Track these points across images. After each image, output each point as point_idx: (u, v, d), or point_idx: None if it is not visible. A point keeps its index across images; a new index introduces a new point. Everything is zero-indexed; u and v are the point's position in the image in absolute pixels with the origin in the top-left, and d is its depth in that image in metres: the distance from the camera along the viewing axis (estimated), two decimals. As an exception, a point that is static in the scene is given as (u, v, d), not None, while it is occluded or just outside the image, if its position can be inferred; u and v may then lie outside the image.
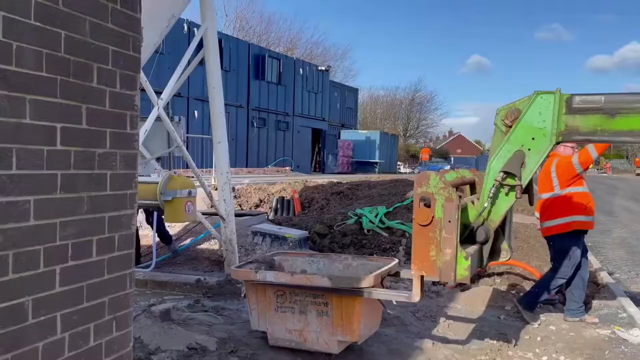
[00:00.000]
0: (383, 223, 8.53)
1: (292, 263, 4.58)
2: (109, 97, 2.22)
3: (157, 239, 7.06)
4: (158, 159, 6.51)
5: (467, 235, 3.73)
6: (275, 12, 58.05)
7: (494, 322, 5.44)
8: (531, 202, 4.26)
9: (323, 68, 31.87)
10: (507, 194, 3.66)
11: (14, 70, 1.79)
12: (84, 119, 2.09)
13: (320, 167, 31.41)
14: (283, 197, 10.55)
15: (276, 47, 40.81)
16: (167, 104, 6.12)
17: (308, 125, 30.04)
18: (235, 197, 10.79)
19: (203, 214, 8.00)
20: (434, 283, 7.04)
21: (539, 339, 5.03)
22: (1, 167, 1.76)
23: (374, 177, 18.82)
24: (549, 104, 3.56)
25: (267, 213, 9.71)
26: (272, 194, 10.96)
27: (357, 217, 8.74)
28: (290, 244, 7.43)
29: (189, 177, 6.00)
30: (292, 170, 23.61)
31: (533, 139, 3.60)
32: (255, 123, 25.32)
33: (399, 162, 48.70)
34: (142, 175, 5.92)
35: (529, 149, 3.62)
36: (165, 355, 4.07)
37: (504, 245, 3.96)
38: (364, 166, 34.78)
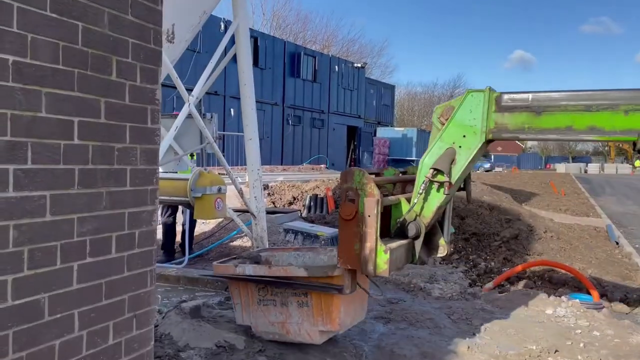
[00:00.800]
0: (418, 222, 8.34)
1: (279, 258, 4.58)
2: (129, 90, 2.17)
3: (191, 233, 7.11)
4: (192, 156, 6.53)
5: (400, 230, 3.81)
6: (311, 10, 58.08)
7: (534, 326, 5.21)
8: (469, 200, 4.32)
9: (359, 65, 31.63)
10: (437, 191, 3.72)
11: (29, 63, 1.75)
12: (102, 113, 2.05)
13: (355, 165, 31.21)
14: (316, 195, 10.47)
15: (312, 45, 40.84)
16: (200, 101, 6.12)
17: (343, 122, 29.90)
18: (268, 194, 10.78)
19: (235, 210, 8.01)
20: (470, 285, 6.86)
21: (581, 345, 4.78)
22: (16, 162, 1.72)
23: (410, 175, 18.56)
24: (479, 102, 3.59)
25: (300, 211, 9.66)
26: (306, 191, 10.90)
27: (391, 216, 8.57)
28: (322, 241, 7.35)
29: (221, 174, 5.99)
30: (327, 168, 23.54)
31: (464, 136, 3.65)
32: (290, 121, 25.36)
33: (436, 160, 47.93)
34: (174, 172, 5.94)
35: (460, 147, 3.67)
36: (193, 353, 4.04)
37: (442, 241, 4.06)
38: (400, 164, 34.37)
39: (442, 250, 4.08)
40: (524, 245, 8.00)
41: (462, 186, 4.18)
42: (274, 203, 10.48)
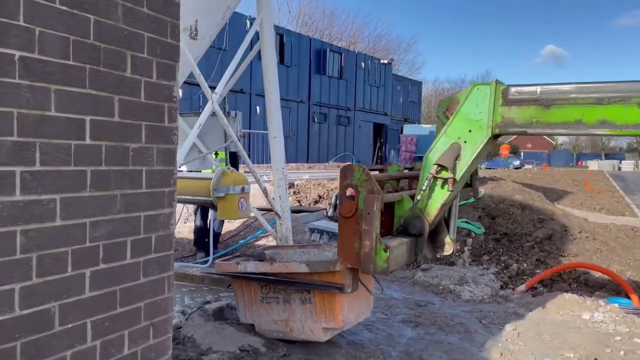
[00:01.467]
0: (446, 221, 8.11)
1: (284, 255, 4.49)
2: (145, 87, 2.06)
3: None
4: (216, 154, 6.45)
5: (404, 228, 3.73)
6: (337, 7, 57.87)
7: (570, 332, 4.96)
8: (475, 196, 4.23)
9: (385, 61, 31.31)
10: (442, 187, 3.62)
11: (37, 58, 1.65)
12: (116, 111, 1.94)
13: (381, 162, 30.94)
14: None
15: (338, 42, 40.60)
16: (225, 99, 6.03)
17: (369, 119, 29.63)
18: (294, 192, 10.68)
19: (260, 209, 7.93)
20: (502, 287, 6.62)
21: (622, 353, 4.52)
22: (23, 163, 1.63)
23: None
24: (485, 96, 3.48)
25: (325, 209, 9.52)
26: (332, 189, 10.76)
27: (419, 215, 8.37)
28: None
29: (247, 172, 5.90)
30: (353, 165, 23.28)
31: (470, 131, 3.53)
32: (316, 118, 25.24)
33: (464, 158, 47.15)
34: (199, 171, 5.87)
35: (465, 142, 3.55)
36: (216, 357, 3.95)
37: (447, 239, 3.96)
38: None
39: (448, 248, 3.98)
40: (558, 246, 7.69)
41: (468, 182, 4.07)
42: (299, 202, 10.37)
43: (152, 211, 2.13)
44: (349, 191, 3.41)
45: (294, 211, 8.83)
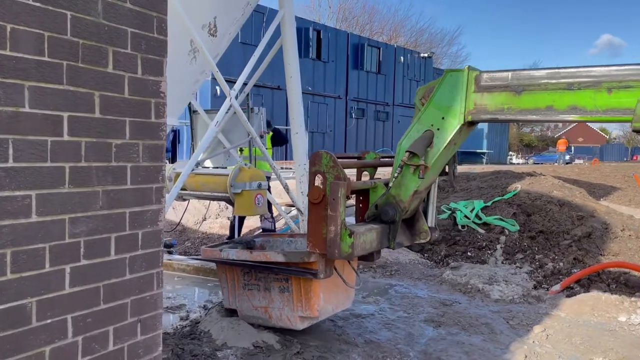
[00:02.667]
0: (479, 218, 7.87)
1: (273, 244, 4.64)
2: (129, 83, 2.05)
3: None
4: (241, 150, 6.47)
5: (377, 215, 3.76)
6: (378, 1, 57.31)
7: (603, 334, 4.71)
8: (452, 185, 4.25)
9: (425, 55, 30.76)
10: (413, 174, 3.62)
11: (8, 55, 1.66)
12: (97, 107, 1.94)
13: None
14: (374, 189, 10.17)
15: (379, 37, 40.22)
16: (248, 95, 6.04)
17: (409, 114, 29.18)
18: (326, 188, 10.60)
19: (287, 206, 7.93)
20: (535, 287, 6.36)
21: (658, 358, 4.26)
22: (-5, 160, 1.64)
23: (477, 168, 17.79)
24: (457, 82, 3.46)
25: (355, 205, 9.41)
26: (364, 185, 10.64)
27: (450, 212, 8.16)
28: (375, 238, 7.08)
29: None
30: (391, 161, 23.00)
31: (443, 118, 3.52)
32: (353, 114, 25.07)
33: (510, 152, 45.87)
34: (218, 167, 5.90)
35: (438, 129, 3.54)
36: (230, 352, 3.95)
37: (424, 227, 3.98)
38: (470, 157, 33.26)
39: (425, 235, 4.00)
40: (598, 244, 7.33)
41: (446, 171, 4.06)
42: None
43: (139, 207, 2.12)
44: (318, 177, 3.46)
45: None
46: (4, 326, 1.68)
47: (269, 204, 6.12)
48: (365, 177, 4.42)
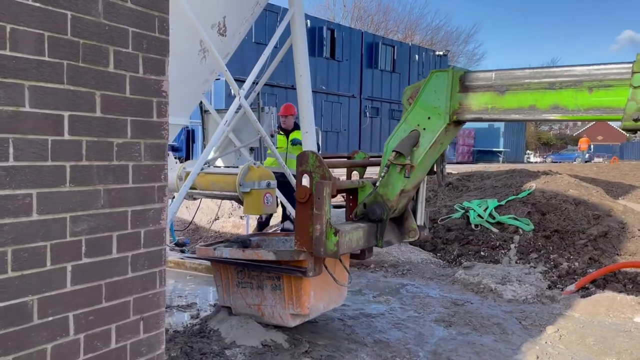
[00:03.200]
0: (493, 218, 7.79)
1: (268, 243, 4.69)
2: (130, 82, 2.06)
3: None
4: (252, 150, 6.48)
5: (365, 213, 3.81)
6: (393, -1, 57.01)
7: (617, 335, 4.62)
8: (439, 183, 4.26)
9: (441, 53, 30.55)
10: (400, 173, 3.66)
11: (8, 55, 1.67)
12: (98, 106, 1.95)
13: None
14: (388, 188, 10.12)
15: (394, 35, 40.01)
16: (258, 94, 6.05)
17: (425, 113, 29.02)
18: (339, 188, 10.59)
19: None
20: (549, 287, 6.27)
21: (675, 361, 4.17)
22: (-5, 159, 1.65)
23: (493, 167, 17.62)
24: (443, 83, 3.50)
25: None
26: (377, 184, 10.60)
27: (464, 211, 8.09)
28: (387, 238, 7.05)
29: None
30: (406, 160, 22.88)
31: (429, 118, 3.57)
32: (368, 113, 25.00)
33: (528, 151, 45.28)
34: (230, 167, 5.92)
35: (424, 129, 3.59)
36: (238, 351, 3.96)
37: (413, 225, 4.02)
38: (486, 155, 32.94)
39: (413, 234, 4.06)
40: (614, 244, 7.20)
41: (434, 170, 4.10)
42: (344, 197, 10.27)
43: (141, 206, 2.13)
44: (304, 177, 3.53)
45: (336, 206, 8.76)
46: (5, 323, 1.70)
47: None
48: (355, 176, 4.48)
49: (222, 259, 4.23)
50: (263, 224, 7.37)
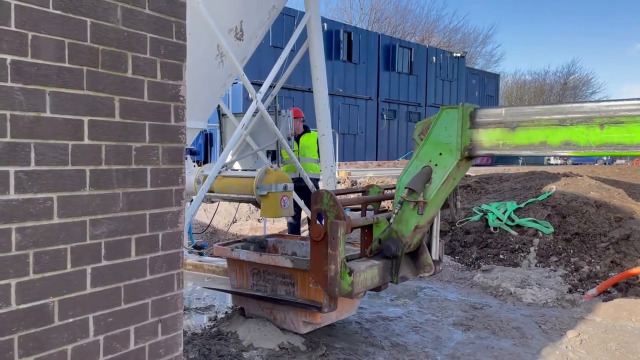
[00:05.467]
0: (512, 220, 7.70)
1: (285, 245, 4.75)
2: (148, 87, 2.09)
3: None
4: (268, 154, 6.51)
5: (380, 250, 3.82)
6: (410, 1, 56.81)
7: (639, 340, 4.54)
8: (453, 218, 4.34)
9: (458, 54, 30.34)
10: (413, 210, 3.64)
11: (30, 62, 1.71)
12: (117, 111, 1.98)
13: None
14: (405, 191, 10.07)
15: (411, 37, 39.88)
16: (275, 98, 6.08)
17: (442, 115, 28.85)
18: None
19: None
20: (570, 291, 6.18)
21: (700, 366, 4.07)
22: (17, 163, 1.69)
23: (512, 169, 17.42)
24: (453, 119, 3.52)
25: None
26: (394, 187, 10.57)
27: (482, 214, 8.01)
28: (404, 240, 7.01)
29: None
30: (424, 162, 22.77)
31: (440, 154, 3.59)
32: (385, 115, 24.94)
33: (547, 153, 44.59)
34: (247, 170, 5.95)
35: (436, 165, 3.60)
36: (256, 353, 3.98)
37: (428, 260, 4.00)
38: (506, 157, 32.55)
39: (429, 269, 4.03)
40: (637, 247, 7.06)
41: (447, 204, 4.07)
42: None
43: (159, 209, 2.15)
44: (319, 216, 3.57)
45: (352, 209, 8.75)
46: (27, 324, 1.73)
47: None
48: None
49: (238, 260, 4.28)
50: (294, 225, 7.36)
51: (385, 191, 4.31)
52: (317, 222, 3.60)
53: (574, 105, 3.25)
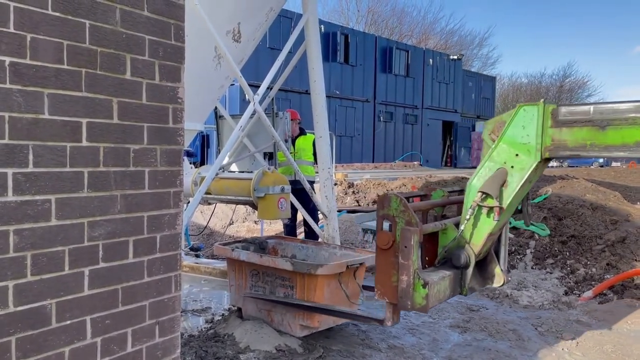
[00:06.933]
0: (509, 223, 7.72)
1: (285, 247, 4.73)
2: (147, 89, 2.09)
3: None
4: (266, 155, 6.51)
5: (448, 259, 3.57)
6: (408, 4, 56.91)
7: (636, 343, 4.55)
8: (527, 223, 3.97)
9: (455, 57, 30.43)
10: (487, 216, 3.37)
11: (28, 64, 1.71)
12: (115, 113, 1.98)
13: (451, 162, 30.10)
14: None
15: (408, 39, 39.96)
16: (273, 99, 6.08)
17: (438, 117, 28.92)
18: (353, 192, 10.63)
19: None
20: (566, 293, 6.21)
21: (696, 369, 4.09)
22: (15, 165, 1.69)
23: (508, 171, 17.43)
24: (532, 117, 3.25)
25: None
26: (392, 189, 10.59)
27: (478, 215, 8.02)
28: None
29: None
30: (420, 164, 22.87)
31: (517, 155, 3.30)
32: (382, 117, 24.98)
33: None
34: (244, 172, 5.95)
35: (512, 167, 3.31)
36: (253, 356, 3.98)
37: (497, 270, 3.73)
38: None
39: (498, 279, 3.73)
40: (632, 249, 7.10)
41: (519, 208, 3.76)
42: (358, 202, 10.29)
43: (157, 211, 2.15)
44: (387, 222, 3.24)
45: (349, 211, 8.77)
46: (24, 327, 1.73)
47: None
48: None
49: (238, 261, 4.28)
50: (290, 227, 7.34)
51: (450, 196, 4.00)
52: (384, 228, 3.27)
53: None
